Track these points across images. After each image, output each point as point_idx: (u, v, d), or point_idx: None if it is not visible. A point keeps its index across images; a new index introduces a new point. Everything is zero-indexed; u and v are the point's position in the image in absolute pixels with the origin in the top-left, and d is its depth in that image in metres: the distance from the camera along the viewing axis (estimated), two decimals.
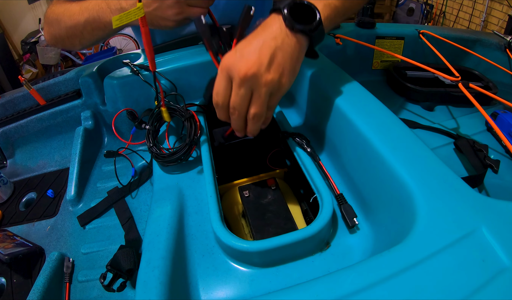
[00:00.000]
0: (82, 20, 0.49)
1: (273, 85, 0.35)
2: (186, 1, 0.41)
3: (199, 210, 0.41)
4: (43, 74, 3.01)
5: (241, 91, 0.35)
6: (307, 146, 0.45)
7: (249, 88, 0.35)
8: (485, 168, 0.50)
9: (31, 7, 3.13)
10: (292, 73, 0.37)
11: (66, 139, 0.71)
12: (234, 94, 0.36)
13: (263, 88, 0.35)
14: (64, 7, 0.52)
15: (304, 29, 0.36)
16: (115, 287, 0.37)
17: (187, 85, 0.59)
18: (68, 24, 0.51)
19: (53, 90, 0.70)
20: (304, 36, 0.37)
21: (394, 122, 0.40)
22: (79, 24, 0.49)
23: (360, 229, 0.38)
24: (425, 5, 3.42)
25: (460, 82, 0.56)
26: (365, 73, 0.84)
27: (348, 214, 0.38)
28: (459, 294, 0.24)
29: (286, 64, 0.35)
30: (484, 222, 0.28)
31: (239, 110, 0.37)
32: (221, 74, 0.36)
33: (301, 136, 0.46)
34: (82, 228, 0.52)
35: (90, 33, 0.51)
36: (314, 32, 0.37)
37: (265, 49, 0.34)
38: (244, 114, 0.38)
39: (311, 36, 0.37)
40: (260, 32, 0.37)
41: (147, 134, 0.48)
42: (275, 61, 0.35)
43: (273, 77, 0.35)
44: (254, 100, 0.36)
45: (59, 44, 0.58)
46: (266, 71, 0.34)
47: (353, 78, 0.51)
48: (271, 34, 0.36)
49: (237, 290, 0.33)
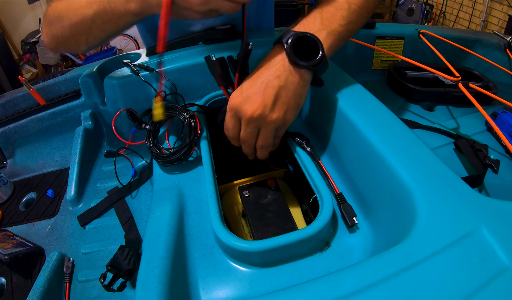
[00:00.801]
0: (91, 13, 0.42)
1: (278, 122, 0.38)
2: None
3: (199, 210, 0.41)
4: (43, 74, 3.01)
5: (248, 129, 0.39)
6: (307, 146, 0.45)
7: (256, 127, 0.39)
8: (485, 168, 0.50)
9: (31, 7, 3.13)
10: (296, 108, 0.39)
11: (66, 139, 0.71)
12: (242, 131, 0.40)
13: (269, 126, 0.38)
14: (67, 2, 0.45)
15: (307, 66, 0.37)
16: (115, 287, 0.37)
17: (187, 85, 0.59)
18: (73, 20, 0.44)
19: (53, 90, 0.70)
20: (308, 71, 0.38)
21: (394, 123, 0.40)
22: (86, 18, 0.43)
23: (360, 229, 0.38)
24: (425, 5, 3.42)
25: (460, 82, 0.56)
26: (365, 73, 0.84)
27: (347, 213, 0.38)
28: (459, 294, 0.24)
29: (290, 101, 0.38)
30: (484, 222, 0.28)
31: (249, 143, 0.41)
32: (229, 113, 0.39)
33: (301, 136, 0.46)
34: (82, 228, 0.52)
35: (100, 28, 0.44)
36: (317, 66, 0.38)
37: (269, 90, 0.36)
38: (253, 145, 0.42)
39: (315, 70, 0.38)
40: (263, 70, 0.38)
41: (147, 134, 0.48)
42: (279, 100, 0.37)
43: (278, 116, 0.37)
44: (261, 135, 0.40)
45: (61, 46, 0.50)
46: (271, 111, 0.37)
47: (353, 78, 0.51)
48: (274, 73, 0.37)
49: (237, 290, 0.33)
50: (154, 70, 0.58)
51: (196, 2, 0.36)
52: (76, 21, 0.44)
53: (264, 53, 0.45)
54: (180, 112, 0.47)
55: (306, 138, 0.46)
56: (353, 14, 0.42)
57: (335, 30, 0.40)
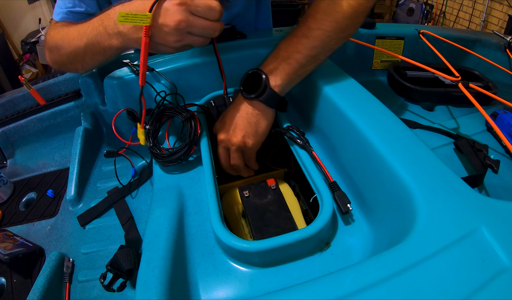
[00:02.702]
0: (82, 45, 0.47)
1: (239, 145, 0.46)
2: (187, 29, 0.39)
3: (199, 210, 0.41)
4: (43, 74, 3.01)
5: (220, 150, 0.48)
6: (300, 139, 0.45)
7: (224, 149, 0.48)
8: (485, 168, 0.50)
9: (31, 7, 3.12)
10: (254, 134, 0.46)
11: (66, 139, 0.71)
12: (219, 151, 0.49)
13: (232, 147, 0.46)
14: (62, 33, 0.51)
15: (253, 97, 0.44)
16: (115, 287, 0.37)
17: (187, 85, 0.59)
18: (68, 50, 0.50)
19: (53, 90, 0.70)
20: (259, 101, 0.45)
21: (394, 122, 0.40)
22: (79, 49, 0.48)
23: (360, 229, 0.38)
24: (425, 5, 3.42)
25: (460, 82, 0.56)
26: (365, 73, 0.84)
27: (341, 200, 0.38)
28: (459, 294, 0.24)
29: (246, 128, 0.45)
30: (484, 222, 0.28)
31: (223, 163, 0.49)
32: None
33: (294, 129, 0.47)
34: (82, 228, 0.52)
35: (91, 57, 0.49)
36: (261, 97, 0.44)
37: (228, 120, 0.47)
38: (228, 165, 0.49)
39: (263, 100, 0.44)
40: (231, 106, 0.48)
41: (147, 135, 0.48)
42: (237, 127, 0.45)
43: (236, 140, 0.45)
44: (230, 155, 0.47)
45: (62, 68, 0.57)
46: (232, 136, 0.46)
47: (353, 78, 0.51)
48: (235, 106, 0.47)
49: (237, 290, 0.33)
50: (154, 70, 0.58)
51: (171, 39, 0.39)
52: (71, 51, 0.49)
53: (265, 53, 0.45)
54: (180, 113, 0.47)
55: (301, 131, 0.47)
56: (316, 40, 0.44)
57: (292, 59, 0.44)
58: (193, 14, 0.38)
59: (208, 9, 0.38)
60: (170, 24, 0.38)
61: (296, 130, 0.47)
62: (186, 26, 0.38)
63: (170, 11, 0.37)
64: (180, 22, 0.38)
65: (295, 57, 0.44)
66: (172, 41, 0.39)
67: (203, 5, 0.38)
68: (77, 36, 0.47)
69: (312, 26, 0.44)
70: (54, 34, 0.52)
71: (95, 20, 0.45)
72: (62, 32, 0.50)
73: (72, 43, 0.49)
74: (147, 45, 0.40)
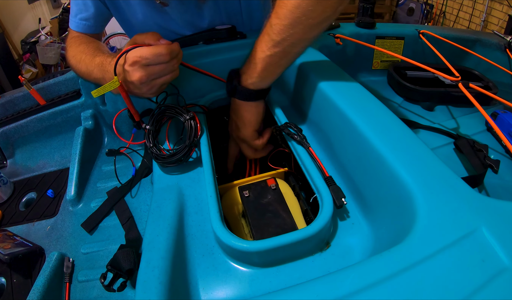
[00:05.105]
0: (91, 79, 0.55)
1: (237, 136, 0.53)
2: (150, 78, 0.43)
3: (199, 210, 0.41)
4: (43, 74, 3.01)
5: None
6: (297, 135, 0.46)
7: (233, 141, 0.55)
8: (485, 168, 0.50)
9: (31, 7, 3.12)
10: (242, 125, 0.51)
11: (66, 139, 0.71)
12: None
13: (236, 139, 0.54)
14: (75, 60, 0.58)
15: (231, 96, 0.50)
16: (115, 287, 0.37)
17: (187, 86, 0.59)
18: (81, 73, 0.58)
19: (53, 90, 0.70)
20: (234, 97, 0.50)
21: (394, 122, 0.40)
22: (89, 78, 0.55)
23: (360, 229, 0.38)
24: (425, 5, 3.42)
25: (460, 82, 0.56)
26: (365, 73, 0.84)
27: (336, 194, 0.38)
28: (459, 294, 0.24)
29: (237, 120, 0.51)
30: (484, 222, 0.28)
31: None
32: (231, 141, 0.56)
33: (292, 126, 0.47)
34: (82, 228, 0.52)
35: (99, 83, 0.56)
36: (235, 95, 0.49)
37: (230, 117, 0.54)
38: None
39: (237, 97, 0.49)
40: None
41: (147, 135, 0.48)
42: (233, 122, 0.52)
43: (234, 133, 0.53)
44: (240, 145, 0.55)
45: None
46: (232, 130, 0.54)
47: (353, 78, 0.51)
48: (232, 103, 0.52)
49: (237, 290, 0.33)
50: None
51: (144, 90, 0.44)
52: (83, 75, 0.57)
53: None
54: (181, 113, 0.47)
55: (299, 128, 0.47)
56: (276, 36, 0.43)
57: (257, 58, 0.46)
58: (148, 65, 0.42)
59: (157, 56, 0.41)
60: (134, 81, 0.43)
61: (293, 126, 0.47)
62: (147, 78, 0.42)
63: (129, 72, 0.42)
64: (141, 78, 0.42)
65: (260, 56, 0.45)
66: (145, 91, 0.44)
67: (151, 55, 0.41)
68: (86, 72, 0.55)
69: (272, 21, 0.43)
70: (70, 58, 0.60)
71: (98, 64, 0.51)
72: (75, 60, 0.58)
73: (82, 74, 0.57)
74: (128, 97, 0.47)
